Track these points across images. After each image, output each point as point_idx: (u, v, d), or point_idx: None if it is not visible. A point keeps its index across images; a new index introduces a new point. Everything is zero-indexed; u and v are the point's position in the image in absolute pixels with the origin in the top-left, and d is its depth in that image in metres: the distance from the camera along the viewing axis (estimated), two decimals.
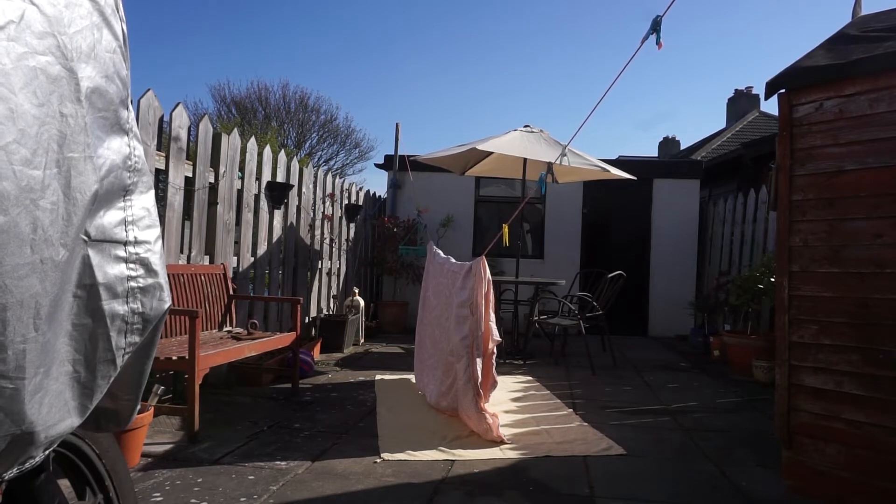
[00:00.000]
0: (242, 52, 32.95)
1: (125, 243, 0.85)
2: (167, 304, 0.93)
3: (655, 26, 2.63)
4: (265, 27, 33.43)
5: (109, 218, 0.83)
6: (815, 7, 37.53)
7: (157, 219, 0.93)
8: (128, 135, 0.86)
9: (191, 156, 4.10)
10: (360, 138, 22.25)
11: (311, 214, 6.15)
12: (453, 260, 3.93)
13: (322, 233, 6.38)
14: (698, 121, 43.49)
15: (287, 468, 2.73)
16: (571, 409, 4.00)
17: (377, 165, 9.07)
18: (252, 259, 4.97)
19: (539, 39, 39.29)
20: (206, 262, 4.26)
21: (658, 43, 2.71)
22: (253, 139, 5.15)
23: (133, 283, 0.86)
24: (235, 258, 4.72)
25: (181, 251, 4.03)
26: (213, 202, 4.33)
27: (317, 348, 5.46)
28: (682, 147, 18.65)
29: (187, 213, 4.09)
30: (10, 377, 0.66)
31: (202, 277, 4.02)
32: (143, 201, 0.90)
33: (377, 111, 37.35)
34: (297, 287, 5.77)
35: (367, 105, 36.78)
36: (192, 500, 2.34)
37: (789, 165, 2.68)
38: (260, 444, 3.06)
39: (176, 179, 3.89)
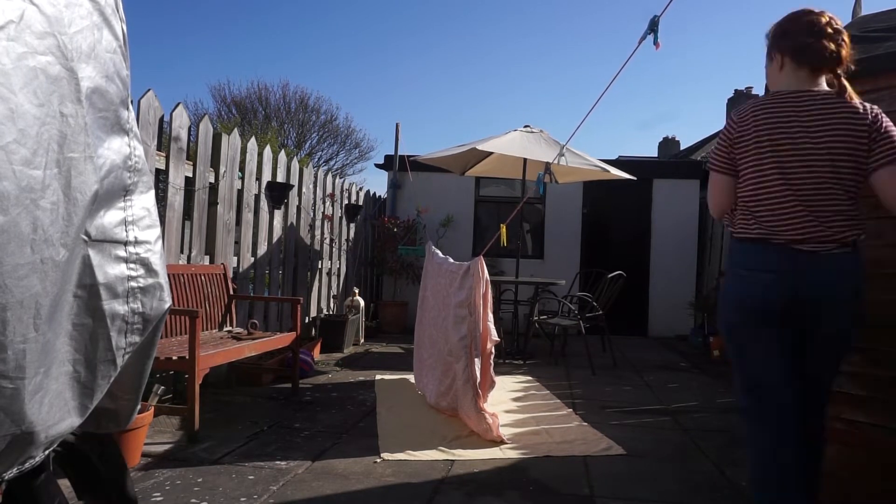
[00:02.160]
0: (242, 52, 32.99)
1: (125, 243, 0.85)
2: (167, 304, 0.93)
3: (653, 26, 2.63)
4: (265, 27, 33.46)
5: (110, 218, 0.83)
6: (816, 7, 37.48)
7: (158, 219, 0.93)
8: (128, 135, 0.86)
9: (191, 156, 4.10)
10: (360, 138, 22.30)
11: (311, 214, 6.15)
12: (451, 260, 3.93)
13: (322, 233, 6.38)
14: (698, 121, 43.51)
15: (287, 468, 2.73)
16: (571, 409, 4.00)
17: (377, 165, 9.07)
18: (252, 259, 4.97)
19: (539, 39, 39.32)
20: (206, 262, 4.26)
21: (655, 43, 2.70)
22: (253, 139, 5.16)
23: (133, 283, 0.86)
24: (235, 258, 4.72)
25: (181, 251, 4.03)
26: (213, 202, 4.33)
27: (317, 348, 5.46)
28: (682, 147, 18.64)
29: (187, 213, 4.09)
30: (10, 377, 0.66)
31: (202, 277, 4.02)
32: (144, 201, 0.90)
33: (377, 111, 37.38)
34: (297, 287, 5.77)
35: (367, 105, 36.82)
36: (192, 500, 2.34)
37: None
38: (260, 443, 3.06)
39: (176, 179, 3.89)
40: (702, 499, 2.60)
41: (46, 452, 0.85)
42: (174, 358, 3.07)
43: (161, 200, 3.85)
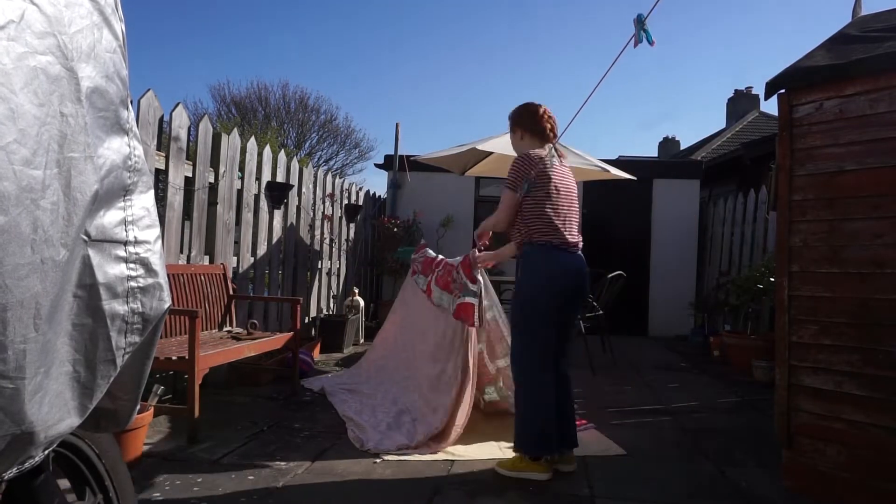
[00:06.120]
0: (242, 51, 32.98)
1: (125, 243, 0.85)
2: (167, 303, 0.93)
3: (641, 25, 2.62)
4: (265, 27, 33.45)
5: (109, 218, 0.83)
6: (816, 7, 37.55)
7: (157, 219, 0.93)
8: (128, 135, 0.86)
9: (191, 156, 4.09)
10: (359, 138, 22.28)
11: (311, 214, 6.15)
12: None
13: (322, 233, 6.38)
14: (698, 121, 43.54)
15: (287, 468, 2.73)
16: None
17: (377, 165, 9.06)
18: (252, 259, 4.97)
19: (540, 38, 39.33)
20: (206, 262, 4.26)
21: (650, 42, 2.69)
22: (253, 139, 5.15)
23: (133, 283, 0.86)
24: (235, 258, 4.72)
25: (181, 251, 4.03)
26: (213, 202, 4.32)
27: (317, 348, 5.46)
28: (682, 147, 18.65)
29: (187, 213, 4.09)
30: (10, 377, 0.66)
31: (202, 277, 4.02)
32: (143, 201, 0.89)
33: (377, 111, 37.38)
34: (296, 287, 5.76)
35: (366, 105, 36.82)
36: (192, 501, 2.34)
37: (789, 165, 2.68)
38: (260, 444, 3.06)
39: (176, 179, 3.89)
40: (702, 499, 2.59)
41: (46, 452, 0.85)
42: (174, 358, 3.06)
43: (161, 200, 3.85)
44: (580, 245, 2.81)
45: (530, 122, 2.88)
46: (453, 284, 3.57)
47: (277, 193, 5.14)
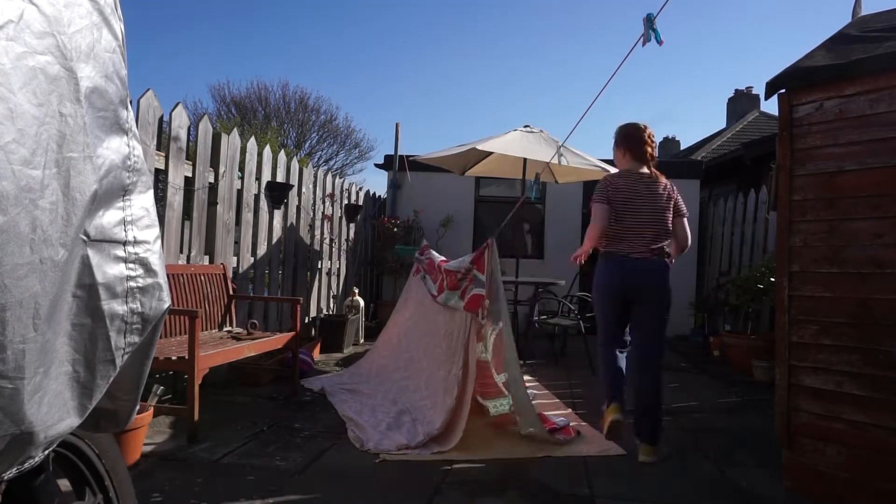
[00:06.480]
0: (243, 52, 32.99)
1: (124, 243, 0.85)
2: (166, 304, 0.93)
3: (651, 24, 2.62)
4: (266, 27, 33.47)
5: (108, 218, 0.83)
6: (816, 7, 37.55)
7: (157, 219, 0.93)
8: (127, 135, 0.86)
9: (190, 156, 4.09)
10: (359, 138, 22.27)
11: (311, 214, 6.15)
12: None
13: (322, 233, 6.38)
14: (698, 121, 43.54)
15: (287, 468, 2.73)
16: (571, 409, 4.00)
17: (377, 165, 9.06)
18: (252, 259, 4.97)
19: (540, 34, 39.33)
20: (206, 262, 4.26)
21: (659, 41, 2.69)
22: (253, 139, 5.15)
23: (132, 283, 0.86)
24: (235, 258, 4.72)
25: (181, 251, 4.03)
26: (212, 202, 4.32)
27: (317, 348, 5.46)
28: (682, 147, 18.67)
29: (187, 212, 4.09)
30: (9, 377, 0.66)
31: (202, 277, 4.02)
32: (143, 201, 0.89)
33: (377, 111, 37.38)
34: (296, 287, 5.76)
35: (366, 105, 36.81)
36: (192, 500, 2.34)
37: (789, 165, 2.68)
38: (260, 443, 3.06)
39: (176, 179, 3.89)
40: (701, 499, 2.59)
41: (46, 452, 0.85)
42: (174, 358, 3.06)
43: (160, 200, 3.85)
44: (647, 254, 3.10)
45: (633, 144, 3.20)
46: (462, 283, 3.58)
47: (277, 193, 5.14)
